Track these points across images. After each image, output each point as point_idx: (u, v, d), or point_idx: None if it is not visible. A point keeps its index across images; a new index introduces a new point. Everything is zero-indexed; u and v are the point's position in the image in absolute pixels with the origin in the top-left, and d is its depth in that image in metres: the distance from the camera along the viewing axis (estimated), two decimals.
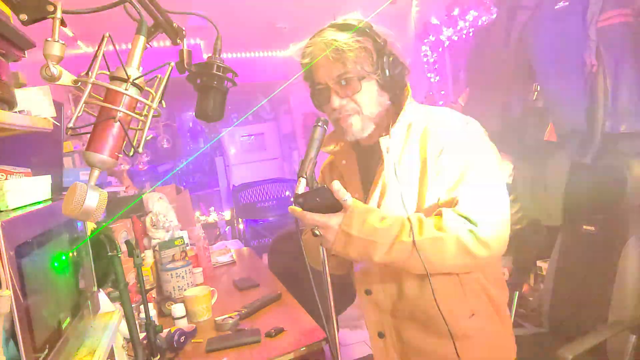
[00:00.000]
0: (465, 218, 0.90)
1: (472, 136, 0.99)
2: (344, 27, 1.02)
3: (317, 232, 0.91)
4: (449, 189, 0.95)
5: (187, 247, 2.16)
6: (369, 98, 1.00)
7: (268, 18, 3.70)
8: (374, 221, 0.90)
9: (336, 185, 0.89)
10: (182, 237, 2.13)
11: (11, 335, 0.65)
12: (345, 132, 1.04)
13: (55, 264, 0.83)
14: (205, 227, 3.64)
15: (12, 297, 0.62)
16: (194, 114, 0.76)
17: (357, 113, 1.01)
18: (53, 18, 0.54)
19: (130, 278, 1.64)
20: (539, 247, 2.33)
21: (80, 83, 0.57)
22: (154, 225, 2.27)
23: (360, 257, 0.92)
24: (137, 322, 1.15)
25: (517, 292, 2.02)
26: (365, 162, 1.11)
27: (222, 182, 6.01)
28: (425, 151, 0.99)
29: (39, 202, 0.89)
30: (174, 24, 0.69)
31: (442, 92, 3.95)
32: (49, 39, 0.54)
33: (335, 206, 0.90)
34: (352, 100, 0.99)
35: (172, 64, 0.64)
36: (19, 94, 0.92)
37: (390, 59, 1.00)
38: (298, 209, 0.90)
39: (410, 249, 0.89)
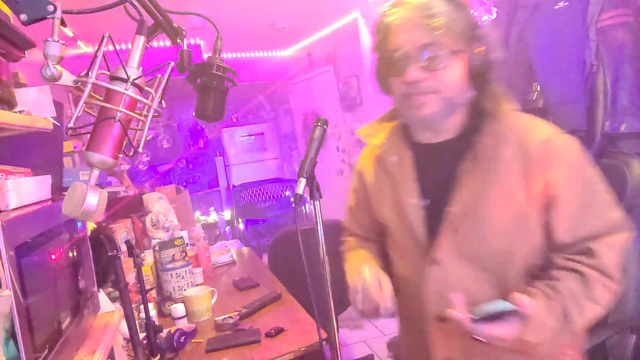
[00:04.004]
0: (608, 277, 0.83)
1: (590, 167, 0.86)
2: None
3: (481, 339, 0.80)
4: (574, 232, 0.83)
5: (187, 247, 2.16)
6: (454, 79, 0.85)
7: (268, 18, 3.70)
8: (558, 319, 0.79)
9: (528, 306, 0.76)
10: (182, 237, 2.13)
11: (11, 335, 0.65)
12: (413, 113, 0.89)
13: (55, 264, 0.83)
14: (205, 227, 3.64)
15: (12, 297, 0.62)
16: (194, 114, 0.76)
17: (436, 92, 0.85)
18: (53, 18, 0.54)
19: (130, 278, 1.64)
20: None
21: (80, 83, 0.57)
22: (154, 225, 2.27)
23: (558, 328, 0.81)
24: (137, 322, 1.15)
25: None
26: (428, 164, 0.95)
27: (222, 182, 6.01)
28: (533, 172, 0.84)
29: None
30: (174, 24, 0.69)
31: None
32: (49, 39, 0.54)
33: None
34: (433, 76, 0.84)
35: (172, 64, 0.64)
36: (19, 94, 0.92)
37: (485, 44, 0.86)
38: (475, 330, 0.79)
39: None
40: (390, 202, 1.00)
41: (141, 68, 0.61)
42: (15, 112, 0.88)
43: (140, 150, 0.61)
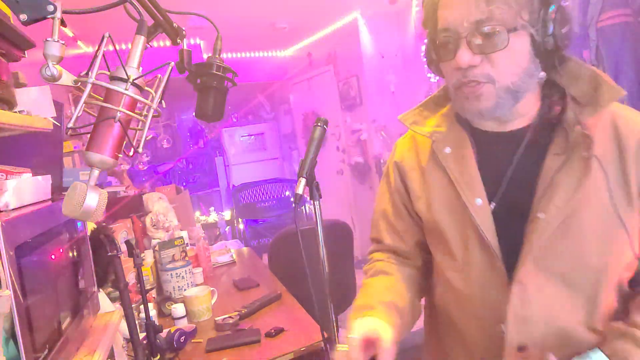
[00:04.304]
0: None
1: None
2: None
3: None
4: None
5: (187, 247, 2.16)
6: (515, 62, 0.71)
7: (268, 18, 3.70)
8: None
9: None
10: (182, 237, 2.13)
11: (11, 335, 0.65)
12: (469, 106, 0.75)
13: (55, 264, 0.83)
14: (205, 227, 3.65)
15: (12, 297, 0.62)
16: (194, 114, 0.76)
17: (492, 82, 0.72)
18: (53, 18, 0.54)
19: (130, 278, 1.64)
20: None
21: (80, 83, 0.57)
22: (154, 225, 2.27)
23: None
24: (137, 322, 1.15)
25: None
26: (495, 158, 0.80)
27: (222, 182, 6.01)
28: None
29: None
30: (174, 24, 0.69)
31: None
32: (49, 39, 0.54)
33: None
34: (489, 60, 0.71)
35: (172, 64, 0.64)
36: (19, 94, 0.92)
37: (558, 11, 0.70)
38: None
39: None
40: (447, 203, 0.83)
41: (141, 68, 0.61)
42: (15, 112, 0.88)
43: (140, 150, 0.61)
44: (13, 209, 0.78)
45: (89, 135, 0.57)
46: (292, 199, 4.61)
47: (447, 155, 0.82)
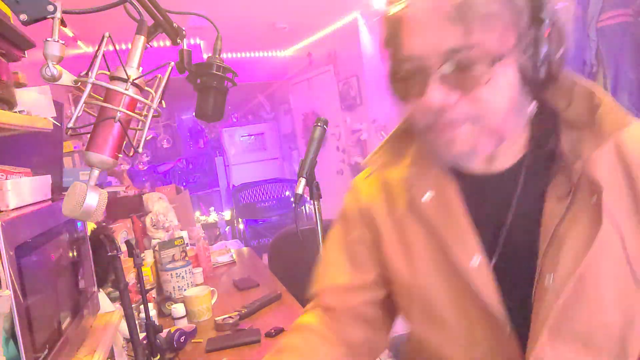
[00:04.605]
0: None
1: None
2: None
3: None
4: None
5: (187, 247, 2.16)
6: (500, 98, 0.55)
7: (268, 18, 3.70)
8: None
9: None
10: (182, 237, 2.13)
11: (11, 335, 0.65)
12: (443, 152, 0.60)
13: (55, 264, 0.83)
14: (205, 227, 3.65)
15: (12, 297, 0.62)
16: (194, 114, 0.76)
17: (473, 121, 0.56)
18: (53, 18, 0.54)
19: (130, 278, 1.64)
20: None
21: (80, 83, 0.57)
22: (154, 225, 2.27)
23: None
24: (137, 322, 1.15)
25: None
26: (484, 203, 0.65)
27: (222, 182, 6.01)
28: None
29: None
30: (174, 24, 0.69)
31: None
32: (49, 39, 0.54)
33: None
34: (467, 97, 0.55)
35: (172, 64, 0.64)
36: (19, 94, 0.92)
37: (552, 28, 0.55)
38: None
39: None
40: (433, 263, 0.67)
41: (141, 68, 0.61)
42: (15, 112, 0.88)
43: (140, 150, 0.61)
44: (13, 209, 0.78)
45: (89, 135, 0.57)
46: (292, 199, 4.62)
47: (427, 203, 0.66)
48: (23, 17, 0.55)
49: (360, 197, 0.75)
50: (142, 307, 1.24)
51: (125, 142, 0.59)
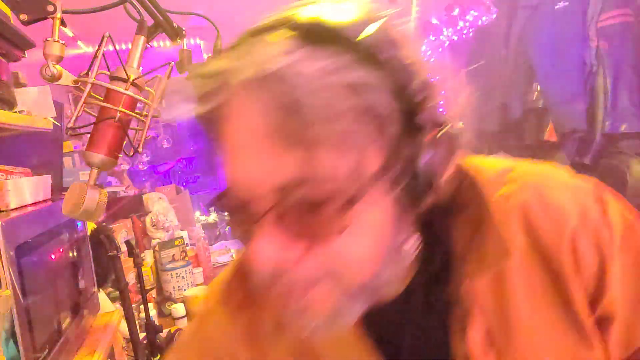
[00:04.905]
0: None
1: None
2: (309, 36, 0.35)
3: None
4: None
5: (187, 247, 2.16)
6: (366, 244, 0.37)
7: None
8: None
9: None
10: (182, 237, 2.13)
11: (11, 335, 0.65)
12: (294, 321, 0.39)
13: (55, 264, 0.83)
14: (205, 227, 3.64)
15: (12, 297, 0.62)
16: None
17: (333, 281, 0.37)
18: (53, 18, 0.54)
19: (130, 278, 1.64)
20: None
21: (80, 83, 0.57)
22: (154, 225, 2.27)
23: None
24: (137, 322, 1.15)
25: None
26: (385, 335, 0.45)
27: (222, 182, 6.01)
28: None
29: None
30: (174, 24, 0.69)
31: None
32: (49, 39, 0.54)
33: None
34: (318, 248, 0.36)
35: (172, 64, 0.64)
36: (19, 94, 0.93)
37: (435, 128, 0.36)
38: None
39: None
40: None
41: (141, 68, 0.61)
42: (15, 112, 0.88)
43: (140, 150, 0.61)
44: (13, 209, 0.78)
45: (89, 135, 0.58)
46: None
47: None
48: (23, 17, 0.55)
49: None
50: (142, 307, 1.24)
51: (125, 142, 0.60)
